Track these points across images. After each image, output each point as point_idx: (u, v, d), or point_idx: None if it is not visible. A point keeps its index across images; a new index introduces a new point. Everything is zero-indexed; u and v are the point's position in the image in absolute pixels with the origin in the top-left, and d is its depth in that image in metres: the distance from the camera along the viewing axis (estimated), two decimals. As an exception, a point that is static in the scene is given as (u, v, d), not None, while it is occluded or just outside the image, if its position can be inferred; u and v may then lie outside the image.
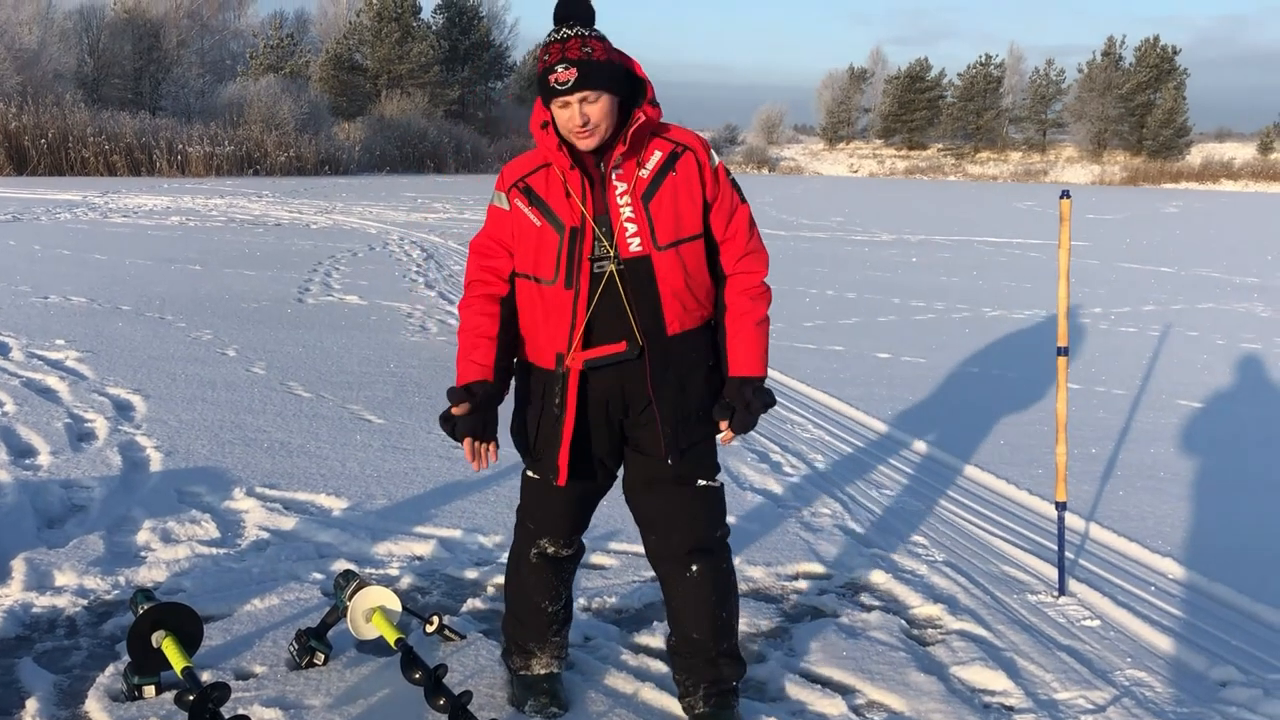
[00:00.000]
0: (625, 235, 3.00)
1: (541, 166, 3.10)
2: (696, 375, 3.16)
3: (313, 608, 4.12)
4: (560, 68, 2.90)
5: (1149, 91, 78.92)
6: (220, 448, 6.13)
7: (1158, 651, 4.01)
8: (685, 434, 3.15)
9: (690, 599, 3.28)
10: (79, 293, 11.57)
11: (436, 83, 63.16)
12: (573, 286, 3.01)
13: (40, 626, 3.95)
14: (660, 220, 3.01)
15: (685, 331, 3.11)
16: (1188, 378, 9.07)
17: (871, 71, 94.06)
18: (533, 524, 3.38)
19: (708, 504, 3.28)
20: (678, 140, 3.11)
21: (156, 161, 40.62)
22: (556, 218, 3.03)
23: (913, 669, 3.77)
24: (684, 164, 3.07)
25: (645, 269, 3.02)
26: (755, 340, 3.17)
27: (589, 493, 3.34)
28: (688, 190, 3.06)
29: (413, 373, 8.31)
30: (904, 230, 25.44)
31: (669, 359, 3.09)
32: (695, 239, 3.08)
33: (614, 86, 2.95)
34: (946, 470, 6.28)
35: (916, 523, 5.34)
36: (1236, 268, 18.63)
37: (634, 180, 3.02)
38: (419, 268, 15.16)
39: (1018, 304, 13.28)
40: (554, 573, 3.42)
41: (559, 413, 3.12)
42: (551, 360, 3.11)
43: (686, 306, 3.09)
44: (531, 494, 3.36)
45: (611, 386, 3.12)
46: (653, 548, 3.33)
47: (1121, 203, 42.90)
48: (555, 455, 3.15)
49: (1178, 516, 5.52)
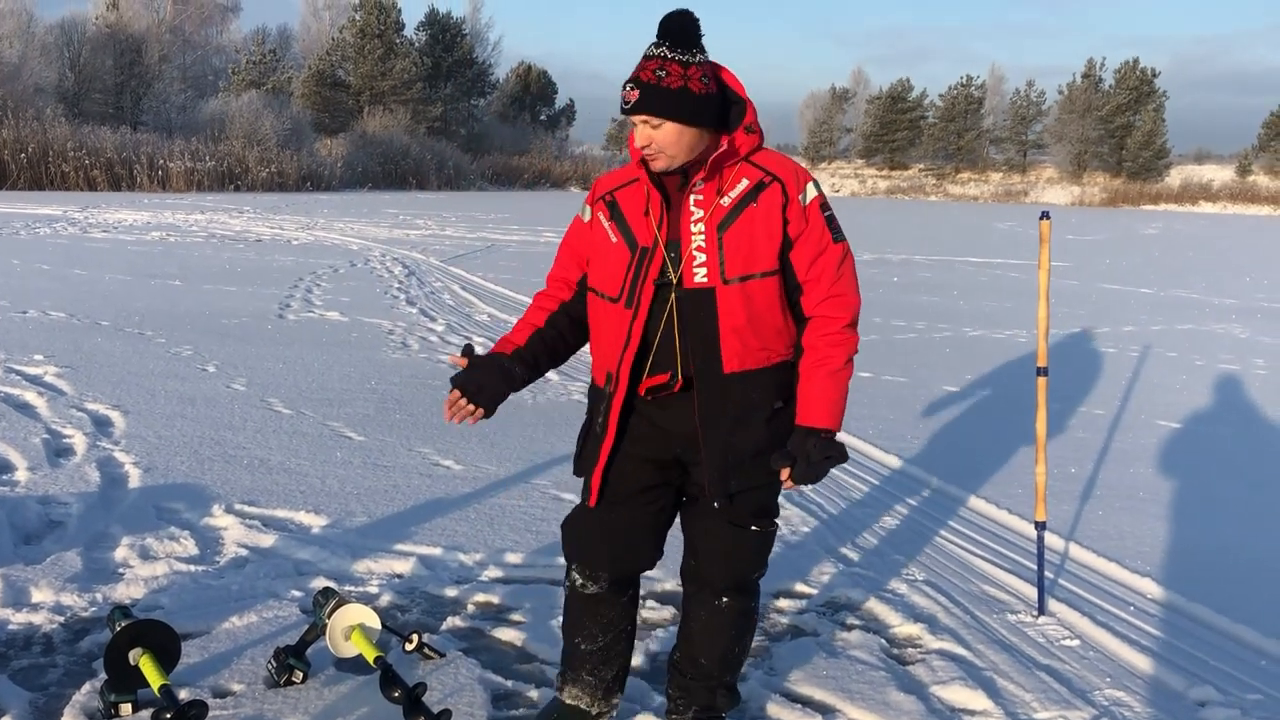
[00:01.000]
0: (693, 265, 2.93)
1: (632, 181, 3.07)
2: (756, 417, 3.03)
3: (291, 625, 4.09)
4: (628, 87, 2.87)
5: (1129, 113, 79.48)
6: (199, 464, 6.10)
7: (1137, 671, 4.02)
8: (737, 477, 3.04)
9: (710, 627, 3.26)
10: (58, 308, 11.52)
11: (419, 99, 63.21)
12: (632, 307, 2.98)
13: (16, 643, 3.92)
14: (732, 253, 2.92)
15: (746, 371, 2.99)
16: (1167, 398, 9.11)
17: (853, 91, 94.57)
18: (566, 546, 3.31)
19: (755, 547, 3.19)
20: (769, 169, 2.99)
21: (137, 176, 40.53)
22: (633, 235, 3.00)
23: (893, 688, 3.77)
24: (768, 195, 2.96)
25: (707, 302, 2.93)
26: (827, 389, 3.00)
27: (625, 526, 3.19)
28: (765, 224, 2.94)
29: (394, 390, 8.29)
30: (885, 250, 25.52)
31: (725, 398, 3.00)
32: (768, 276, 2.95)
33: (685, 116, 2.85)
34: (927, 489, 6.29)
35: (897, 542, 5.35)
36: (1215, 289, 18.75)
37: (712, 207, 2.94)
38: (400, 284, 15.14)
39: (998, 324, 13.34)
40: (587, 611, 3.29)
41: (600, 432, 3.11)
42: (603, 378, 3.10)
43: (747, 345, 2.97)
44: (572, 514, 3.32)
45: (662, 419, 3.07)
46: (689, 569, 3.29)
47: (1101, 224, 43.16)
48: (590, 474, 3.15)
49: (1157, 536, 5.54)
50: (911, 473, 6.60)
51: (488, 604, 4.43)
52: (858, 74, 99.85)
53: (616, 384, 3.04)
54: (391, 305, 13.12)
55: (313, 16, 71.41)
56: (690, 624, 3.31)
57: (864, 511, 5.82)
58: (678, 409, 3.04)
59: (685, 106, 2.85)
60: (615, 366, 3.03)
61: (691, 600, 3.30)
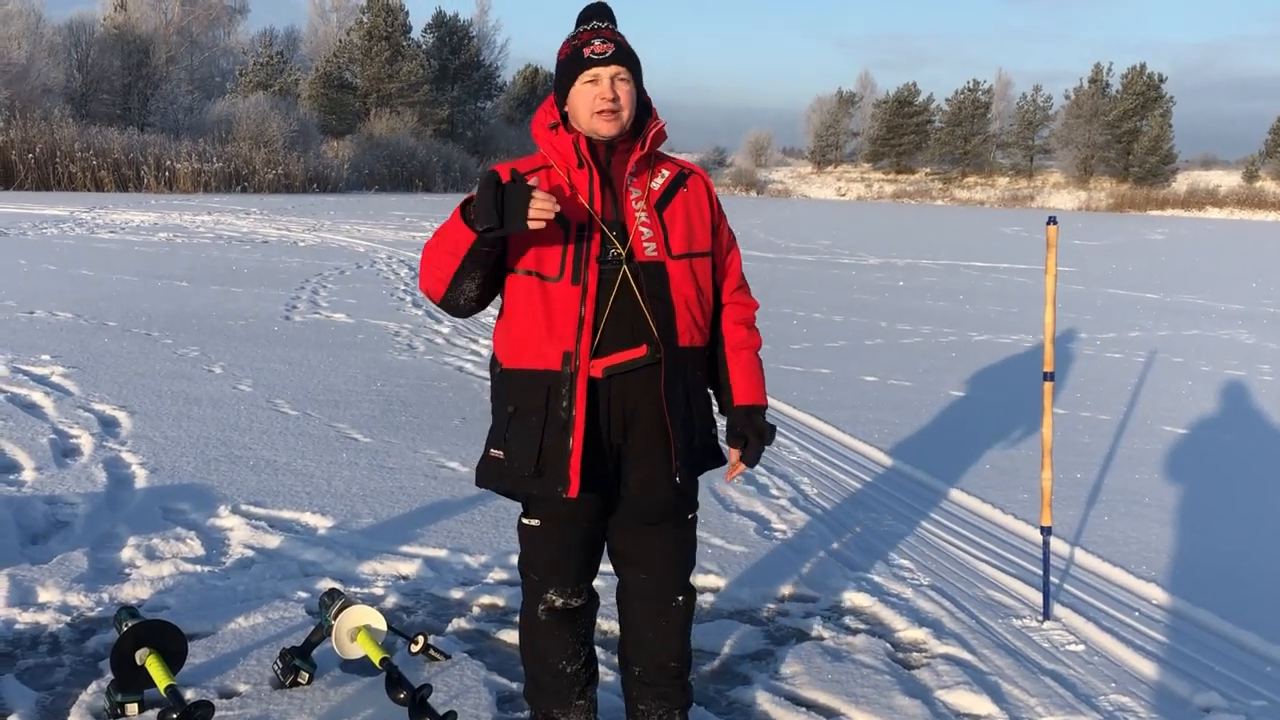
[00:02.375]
0: (641, 240, 2.93)
1: (541, 168, 2.99)
2: (700, 398, 3.08)
3: (297, 626, 4.10)
4: (598, 41, 2.89)
5: (1135, 119, 79.45)
6: (206, 465, 6.11)
7: (1141, 676, 4.02)
8: (691, 454, 3.05)
9: (671, 628, 3.22)
10: (65, 308, 11.54)
11: (426, 102, 63.31)
12: (579, 283, 2.88)
13: (23, 643, 3.93)
14: (674, 229, 2.97)
15: (694, 347, 3.04)
16: (1172, 404, 9.10)
17: (860, 95, 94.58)
18: (536, 574, 3.13)
19: (691, 539, 3.22)
20: (684, 165, 3.12)
21: (144, 177, 40.58)
22: (561, 213, 2.84)
23: (897, 692, 3.77)
24: (694, 183, 3.08)
25: (660, 274, 2.94)
26: (758, 369, 3.16)
27: (590, 531, 3.11)
28: (699, 208, 3.06)
29: (400, 391, 8.30)
30: (891, 254, 25.52)
31: (682, 371, 3.00)
32: (705, 255, 3.05)
33: (640, 80, 2.97)
34: (932, 494, 6.29)
35: (902, 546, 5.35)
36: (1221, 295, 18.73)
37: (646, 189, 2.99)
38: (406, 286, 15.15)
39: (1004, 329, 13.33)
40: (568, 629, 3.18)
41: (567, 416, 2.90)
42: (557, 360, 2.90)
43: (696, 320, 3.02)
44: (530, 540, 3.13)
45: (619, 396, 2.94)
46: (640, 586, 3.19)
47: (1108, 229, 43.13)
48: (565, 465, 2.90)
49: (1162, 542, 5.54)
50: (917, 477, 6.60)
51: (493, 606, 4.43)
52: (864, 78, 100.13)
53: (577, 362, 2.89)
54: (398, 307, 13.14)
55: (320, 18, 71.67)
56: (648, 634, 3.22)
57: (869, 516, 5.82)
58: (630, 385, 2.94)
59: (640, 70, 2.97)
60: (574, 344, 2.89)
61: (647, 614, 3.21)
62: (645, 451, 3.00)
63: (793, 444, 7.25)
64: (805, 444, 7.28)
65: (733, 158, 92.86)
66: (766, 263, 21.62)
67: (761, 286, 18.07)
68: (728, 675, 3.91)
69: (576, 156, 2.93)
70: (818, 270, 20.84)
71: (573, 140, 2.93)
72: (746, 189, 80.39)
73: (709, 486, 6.02)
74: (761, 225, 36.50)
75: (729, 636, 4.19)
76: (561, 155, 2.95)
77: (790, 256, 23.81)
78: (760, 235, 30.72)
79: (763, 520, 5.62)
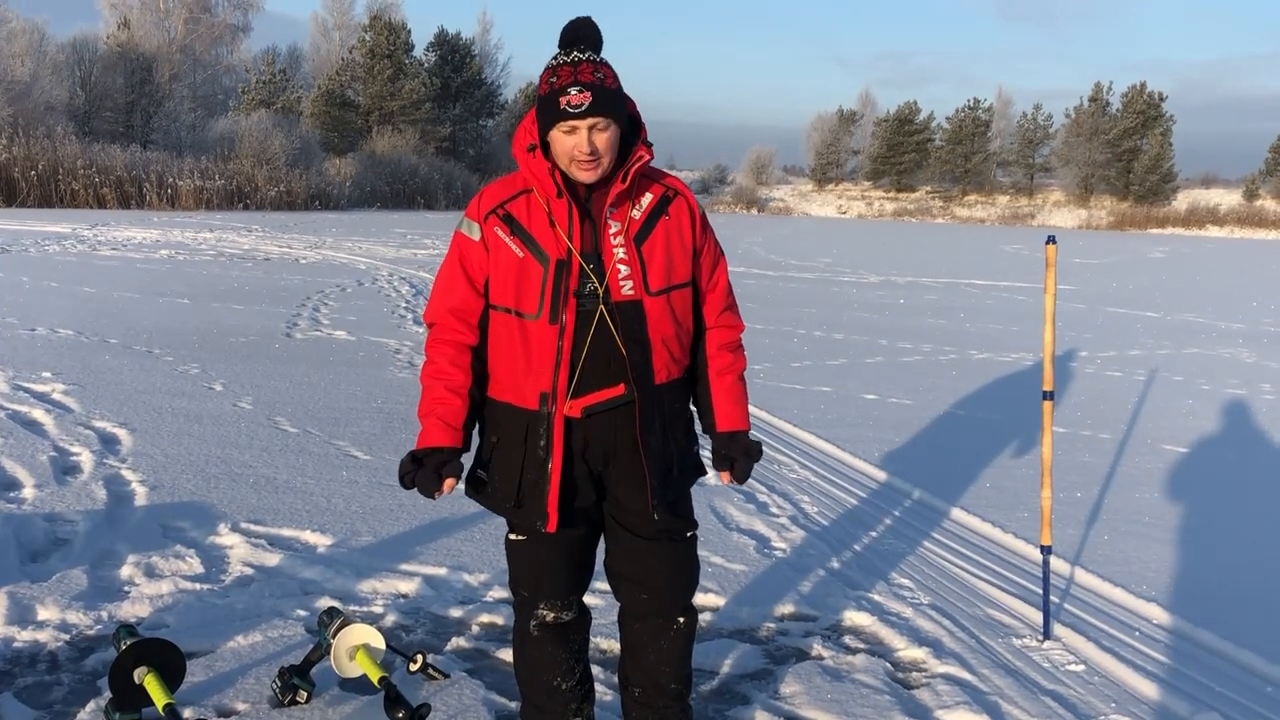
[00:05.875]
0: (618, 277, 2.86)
1: (522, 193, 2.94)
2: (678, 427, 3.07)
3: (296, 645, 4.10)
4: (574, 90, 2.75)
5: (1136, 137, 79.53)
6: (206, 483, 6.11)
7: (1142, 697, 4.01)
8: (670, 487, 3.05)
9: (673, 650, 3.21)
10: (66, 325, 11.55)
11: (428, 120, 63.45)
12: (557, 322, 2.85)
13: (21, 661, 3.93)
14: (652, 265, 2.90)
15: (672, 381, 3.02)
16: (1173, 423, 9.10)
17: (860, 114, 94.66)
18: (526, 590, 3.15)
19: (692, 556, 3.21)
20: (667, 183, 3.02)
21: (146, 195, 40.62)
22: (540, 249, 2.85)
23: (897, 712, 3.77)
24: (676, 208, 2.99)
25: (637, 313, 2.89)
26: (742, 394, 3.16)
27: (579, 545, 3.12)
28: (679, 236, 2.98)
29: (400, 409, 8.30)
30: (892, 272, 25.55)
31: (658, 408, 2.98)
32: (684, 286, 3.00)
33: (622, 119, 2.84)
34: (932, 513, 6.29)
35: (902, 565, 5.34)
36: (1222, 313, 18.74)
37: (626, 221, 2.90)
38: (408, 304, 15.17)
39: (1004, 347, 13.33)
40: (560, 644, 3.19)
41: (544, 455, 2.93)
42: (534, 400, 2.92)
43: (674, 355, 3.00)
44: (519, 557, 3.14)
45: (596, 434, 2.95)
46: (639, 605, 3.19)
47: (1108, 247, 43.16)
48: (543, 501, 2.95)
49: (1162, 561, 5.53)
50: (917, 495, 6.59)
51: (492, 624, 4.43)
52: (865, 96, 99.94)
53: (554, 403, 2.90)
54: (398, 324, 13.15)
55: (322, 36, 71.81)
56: (650, 655, 3.21)
57: (868, 534, 5.82)
58: (607, 423, 2.95)
59: (622, 108, 2.87)
60: (550, 386, 2.89)
61: (648, 634, 3.21)
62: (625, 481, 3.03)
63: (793, 462, 7.25)
64: (805, 462, 7.28)
65: (734, 175, 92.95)
66: (768, 280, 21.64)
67: (762, 304, 18.19)
68: (727, 694, 3.90)
69: (555, 186, 2.86)
70: (819, 288, 20.86)
71: (549, 169, 2.85)
72: (747, 207, 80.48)
73: (709, 505, 6.02)
74: (763, 243, 36.54)
75: (728, 655, 4.19)
76: (540, 182, 2.88)
77: (791, 274, 23.83)
78: (761, 253, 30.76)
79: (762, 538, 5.62)
